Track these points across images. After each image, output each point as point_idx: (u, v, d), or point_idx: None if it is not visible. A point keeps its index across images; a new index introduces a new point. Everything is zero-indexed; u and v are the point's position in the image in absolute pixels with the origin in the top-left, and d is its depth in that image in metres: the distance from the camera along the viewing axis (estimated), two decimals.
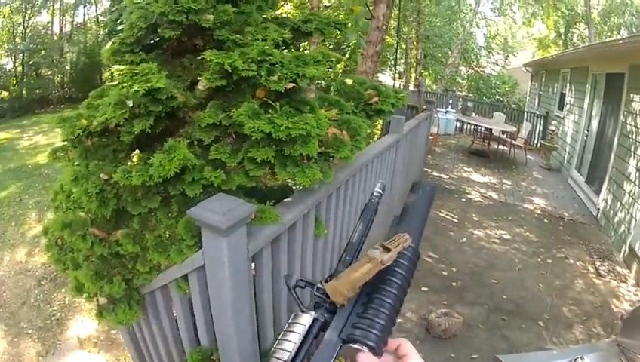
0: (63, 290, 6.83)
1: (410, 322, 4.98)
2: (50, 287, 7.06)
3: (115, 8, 20.85)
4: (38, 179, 12.78)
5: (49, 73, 30.73)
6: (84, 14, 33.54)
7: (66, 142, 2.99)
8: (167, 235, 2.51)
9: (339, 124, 2.69)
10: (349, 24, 3.44)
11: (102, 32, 29.78)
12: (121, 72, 2.28)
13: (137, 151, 2.76)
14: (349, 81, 3.35)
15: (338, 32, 3.37)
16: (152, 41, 3.03)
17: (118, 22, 16.71)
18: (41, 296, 6.88)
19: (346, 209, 3.74)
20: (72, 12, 33.41)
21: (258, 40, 2.58)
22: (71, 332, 5.87)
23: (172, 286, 2.71)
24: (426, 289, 5.61)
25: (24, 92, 29.09)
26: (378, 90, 3.34)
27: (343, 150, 2.52)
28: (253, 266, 2.42)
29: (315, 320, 0.80)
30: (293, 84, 2.34)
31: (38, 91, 28.85)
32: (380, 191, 1.14)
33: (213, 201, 2.04)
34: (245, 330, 2.34)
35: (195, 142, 2.56)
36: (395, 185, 5.83)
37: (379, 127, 9.11)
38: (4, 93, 29.39)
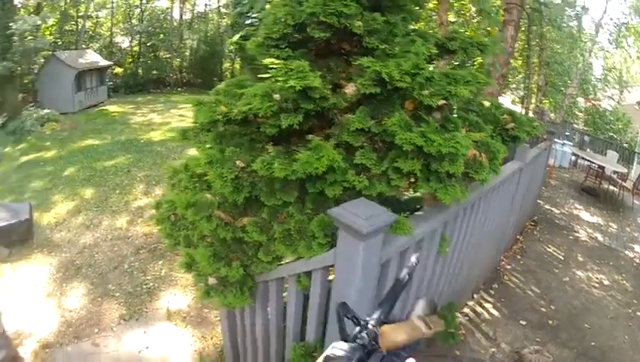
0: (160, 262, 7.10)
1: (502, 353, 4.86)
2: (147, 257, 7.34)
3: (239, 2, 21.62)
4: (149, 155, 13.20)
5: (167, 56, 32.35)
6: (205, 4, 34.69)
7: (196, 124, 3.07)
8: (296, 229, 2.55)
9: (478, 145, 2.66)
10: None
11: (223, 23, 30.80)
12: (276, 66, 2.36)
13: (272, 144, 2.82)
14: (487, 104, 3.29)
15: (479, 53, 3.32)
16: (297, 39, 3.08)
17: (245, 15, 17.24)
18: (137, 264, 7.19)
19: (469, 230, 3.68)
20: (193, 1, 34.70)
21: (409, 52, 2.59)
22: (160, 303, 6.10)
23: (291, 279, 2.77)
24: (524, 323, 5.44)
25: (140, 71, 30.76)
26: (513, 115, 3.26)
27: (482, 172, 2.50)
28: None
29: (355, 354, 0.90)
30: (444, 101, 2.34)
31: (154, 72, 30.42)
32: (415, 261, 1.31)
33: (356, 205, 2.08)
34: None
35: (335, 144, 2.60)
36: (513, 212, 5.74)
37: None
38: (119, 70, 31.22)
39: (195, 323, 5.68)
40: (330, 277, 2.43)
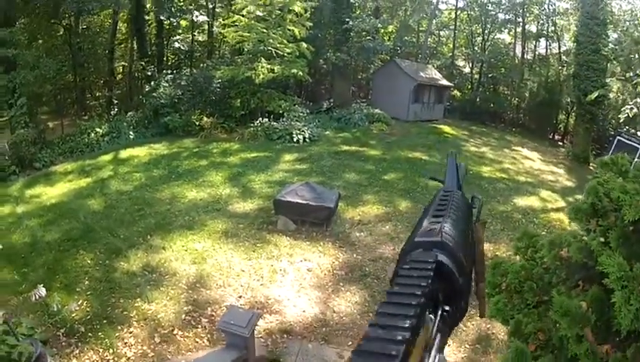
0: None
1: None
2: None
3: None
4: (475, 189, 12.65)
5: (506, 92, 32.34)
6: (546, 47, 33.55)
7: (585, 204, 2.83)
8: None
9: None
10: None
11: (564, 72, 29.34)
12: None
13: None
14: None
15: None
16: None
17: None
18: None
19: None
20: (534, 42, 33.70)
21: None
22: None
23: None
24: None
25: (478, 100, 31.17)
26: None
27: None
28: None
29: None
30: None
31: (491, 105, 30.54)
32: None
33: None
34: None
35: None
36: None
37: None
38: (457, 93, 31.83)
39: None
40: None
